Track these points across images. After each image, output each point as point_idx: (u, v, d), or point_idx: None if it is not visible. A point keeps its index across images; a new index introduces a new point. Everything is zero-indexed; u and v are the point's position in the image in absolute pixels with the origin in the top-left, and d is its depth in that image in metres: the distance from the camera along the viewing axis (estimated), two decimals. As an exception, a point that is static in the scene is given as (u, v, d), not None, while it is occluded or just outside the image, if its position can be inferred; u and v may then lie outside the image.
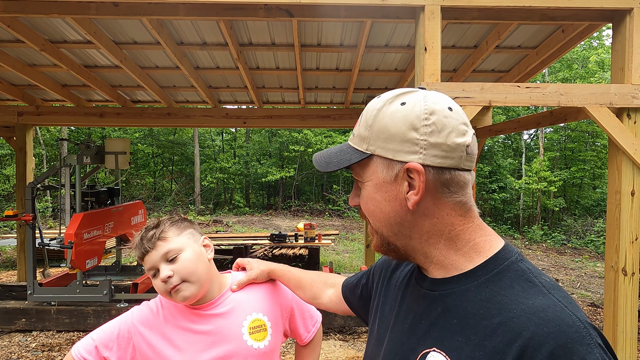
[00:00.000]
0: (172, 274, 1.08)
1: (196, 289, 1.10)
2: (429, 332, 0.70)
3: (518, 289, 0.65)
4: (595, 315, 5.65)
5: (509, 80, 5.27)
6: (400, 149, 0.69)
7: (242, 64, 4.82)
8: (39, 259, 6.36)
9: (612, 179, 3.22)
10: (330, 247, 9.85)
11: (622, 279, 3.14)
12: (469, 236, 0.72)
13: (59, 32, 4.31)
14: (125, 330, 1.14)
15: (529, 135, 19.68)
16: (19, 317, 4.66)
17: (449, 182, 0.70)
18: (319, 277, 1.22)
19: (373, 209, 0.74)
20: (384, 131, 0.70)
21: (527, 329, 0.60)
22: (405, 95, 0.71)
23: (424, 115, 0.68)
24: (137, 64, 5.08)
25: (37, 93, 6.28)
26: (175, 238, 1.12)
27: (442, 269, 0.73)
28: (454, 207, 0.71)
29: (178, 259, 1.09)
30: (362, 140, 0.73)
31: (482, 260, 0.70)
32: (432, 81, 3.02)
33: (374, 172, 0.73)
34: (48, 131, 15.97)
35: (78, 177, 4.66)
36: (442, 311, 0.70)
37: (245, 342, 1.11)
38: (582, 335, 0.58)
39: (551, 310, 0.61)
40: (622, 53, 3.14)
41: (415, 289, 0.78)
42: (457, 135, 0.69)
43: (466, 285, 0.69)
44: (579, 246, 12.62)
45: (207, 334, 1.12)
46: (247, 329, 1.13)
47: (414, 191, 0.69)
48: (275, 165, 19.18)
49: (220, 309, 1.15)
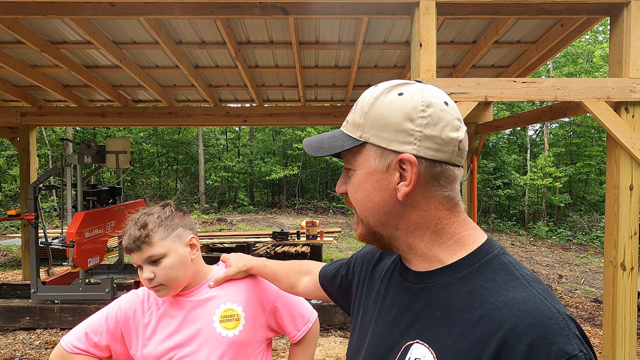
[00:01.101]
0: (153, 276, 1.13)
1: (172, 291, 1.17)
2: (412, 324, 0.71)
3: (500, 281, 0.66)
4: (598, 311, 5.62)
5: (509, 75, 5.25)
6: (394, 139, 0.69)
7: (241, 63, 4.83)
8: (44, 258, 6.43)
9: (611, 174, 3.20)
10: (333, 244, 9.87)
11: (620, 274, 3.13)
12: (454, 230, 0.73)
13: (59, 33, 4.35)
14: (113, 315, 1.20)
15: (534, 131, 19.56)
16: (23, 315, 4.71)
17: (440, 176, 0.70)
18: (293, 267, 1.23)
19: (362, 197, 0.74)
20: (380, 119, 0.70)
21: (508, 320, 0.61)
22: (402, 86, 0.72)
23: (421, 107, 0.68)
24: (136, 64, 5.11)
25: (40, 94, 6.34)
26: (161, 243, 1.14)
27: (426, 262, 0.74)
28: (442, 201, 0.72)
29: (161, 263, 1.14)
30: (357, 127, 0.72)
31: (465, 253, 0.71)
32: (428, 77, 3.02)
33: (366, 160, 0.72)
34: (53, 131, 16.11)
35: (79, 177, 4.70)
36: (425, 303, 0.71)
37: (214, 329, 1.15)
38: (561, 327, 0.60)
39: (531, 303, 0.62)
40: (619, 46, 3.11)
41: (398, 281, 0.79)
42: (451, 130, 0.69)
43: (449, 278, 0.70)
44: (585, 242, 12.53)
45: (179, 318, 1.18)
46: (218, 316, 1.17)
47: (405, 182, 0.69)
48: (279, 164, 19.21)
49: (197, 297, 1.20)
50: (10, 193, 15.52)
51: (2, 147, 15.74)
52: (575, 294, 6.64)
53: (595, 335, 4.72)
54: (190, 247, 1.20)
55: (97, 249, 4.65)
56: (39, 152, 15.18)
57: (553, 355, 0.58)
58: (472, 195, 6.08)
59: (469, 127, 6.18)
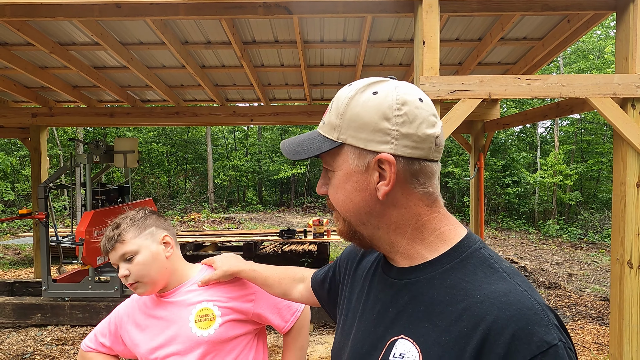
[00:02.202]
0: (128, 273, 1.19)
1: (149, 288, 1.21)
2: (396, 320, 0.72)
3: (481, 275, 0.67)
4: (607, 310, 5.56)
5: (516, 72, 5.21)
6: (372, 139, 0.69)
7: (247, 62, 4.86)
8: (55, 256, 6.54)
9: (617, 171, 3.17)
10: (340, 242, 9.87)
11: (627, 272, 3.10)
12: (434, 225, 0.73)
13: (68, 35, 4.42)
14: (114, 319, 1.34)
15: (544, 129, 19.34)
16: (34, 312, 4.81)
17: (418, 173, 0.71)
18: (286, 273, 1.21)
19: (342, 198, 0.74)
20: (356, 120, 0.70)
21: (490, 313, 0.62)
22: (376, 84, 0.71)
23: (396, 106, 0.68)
24: (144, 64, 5.17)
25: (50, 95, 6.44)
26: (133, 240, 1.20)
27: (408, 258, 0.74)
28: (421, 198, 0.72)
29: (133, 260, 1.19)
30: (333, 128, 0.72)
31: (446, 248, 0.72)
32: (431, 75, 3.02)
33: (345, 162, 0.72)
34: (64, 132, 16.33)
35: (88, 176, 4.78)
36: (408, 299, 0.71)
37: (190, 329, 1.19)
38: (541, 317, 0.61)
39: (512, 295, 0.63)
40: (625, 42, 3.08)
41: (382, 278, 0.79)
42: (427, 127, 0.69)
43: (432, 273, 0.71)
44: (596, 240, 12.38)
45: (161, 319, 1.24)
46: (194, 316, 1.20)
47: (385, 182, 0.70)
48: (287, 163, 19.25)
49: (175, 298, 1.25)
50: (24, 193, 15.78)
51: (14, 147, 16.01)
52: (585, 292, 6.57)
53: (604, 334, 4.68)
54: (164, 245, 1.25)
55: (106, 247, 4.71)
56: (51, 153, 15.41)
57: (534, 345, 0.59)
58: (479, 193, 6.04)
59: (476, 125, 6.15)
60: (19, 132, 6.74)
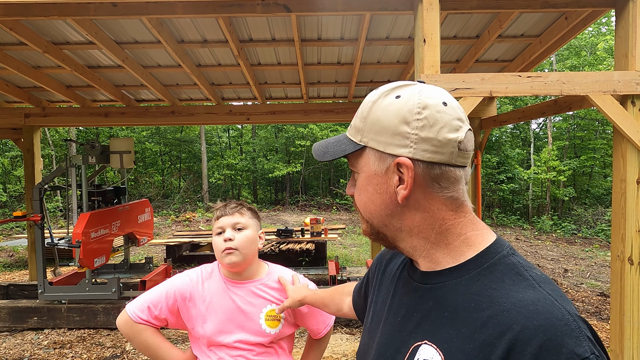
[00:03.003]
0: (234, 238, 1.37)
1: (241, 259, 1.37)
2: (420, 325, 0.71)
3: (509, 282, 0.66)
4: (604, 305, 5.61)
5: (513, 69, 5.21)
6: (391, 142, 0.70)
7: (243, 61, 4.82)
8: (50, 258, 6.47)
9: (617, 167, 3.18)
10: (337, 241, 9.87)
11: (628, 268, 3.11)
12: (460, 230, 0.72)
13: (61, 34, 4.35)
14: (172, 294, 1.40)
15: (537, 125, 19.46)
16: (30, 315, 4.75)
17: (439, 178, 0.70)
18: (336, 290, 1.32)
19: (365, 200, 0.75)
20: (377, 123, 0.71)
21: (517, 322, 0.60)
22: (401, 88, 0.72)
23: (417, 109, 0.68)
24: (139, 63, 5.11)
25: (43, 95, 6.35)
26: (248, 218, 1.43)
27: (432, 262, 0.74)
28: (444, 202, 0.71)
29: (242, 232, 1.40)
30: (357, 131, 0.74)
31: (473, 253, 0.71)
32: (432, 73, 3.00)
33: (367, 164, 0.74)
34: (57, 132, 16.15)
35: (84, 177, 4.72)
36: (433, 304, 0.71)
37: (260, 325, 1.38)
38: (572, 328, 0.59)
39: (541, 304, 0.61)
40: (625, 39, 3.08)
41: (407, 281, 0.79)
42: (449, 131, 0.68)
43: (457, 278, 0.70)
44: (590, 235, 12.49)
45: (235, 305, 1.39)
46: (264, 315, 1.40)
47: (403, 185, 0.70)
48: (282, 161, 19.21)
49: (250, 288, 1.42)
50: (15, 194, 15.60)
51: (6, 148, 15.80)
52: (581, 287, 6.62)
53: (602, 329, 4.71)
54: (259, 237, 1.47)
55: (103, 249, 4.67)
56: (43, 153, 15.25)
57: (563, 357, 0.57)
58: (476, 190, 6.06)
59: (473, 122, 6.16)
60: (11, 133, 6.64)
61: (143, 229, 5.57)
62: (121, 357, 4.08)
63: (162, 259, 8.37)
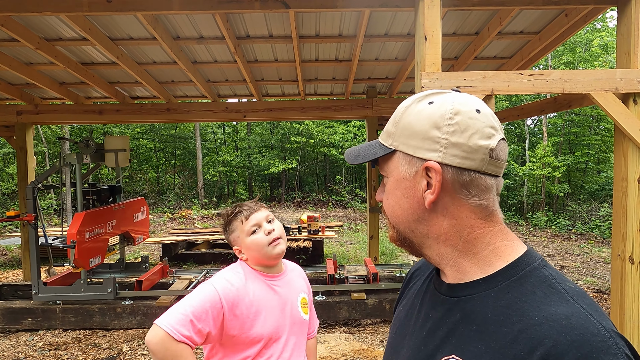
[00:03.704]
0: (274, 229, 1.41)
1: (285, 247, 1.44)
2: (447, 339, 0.69)
3: (540, 295, 0.64)
4: (601, 302, 5.63)
5: (512, 66, 5.18)
6: (421, 146, 0.70)
7: (240, 57, 4.75)
8: (44, 257, 6.39)
9: (618, 166, 3.16)
10: (334, 238, 9.84)
11: (629, 268, 3.10)
12: (489, 240, 0.70)
13: (54, 30, 4.26)
14: (217, 301, 1.27)
15: (532, 121, 19.51)
16: (25, 316, 4.68)
17: (469, 184, 0.69)
18: None
19: (392, 204, 0.76)
20: (408, 128, 0.71)
21: (549, 337, 0.58)
22: (435, 95, 0.72)
23: (449, 115, 0.68)
24: (134, 60, 5.02)
25: (36, 92, 6.25)
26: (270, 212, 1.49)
27: (460, 272, 0.72)
28: (474, 210, 0.70)
29: (275, 222, 1.45)
30: (389, 136, 0.75)
31: (503, 265, 0.69)
32: (433, 71, 2.96)
33: (396, 168, 0.74)
34: (50, 129, 15.96)
35: (79, 176, 4.64)
36: (460, 317, 0.69)
37: (299, 313, 1.45)
38: (608, 345, 0.56)
39: (575, 318, 0.59)
40: (627, 37, 3.06)
41: (433, 294, 0.78)
42: (480, 138, 0.68)
43: (486, 290, 0.68)
44: (584, 231, 12.55)
45: (279, 296, 1.42)
46: (299, 303, 1.47)
47: (431, 190, 0.69)
48: (277, 157, 19.12)
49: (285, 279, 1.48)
50: (8, 191, 15.41)
51: (-3, 145, 15.60)
52: (578, 285, 6.64)
53: (599, 326, 4.72)
54: None
55: (99, 248, 4.60)
56: (35, 150, 15.07)
57: None
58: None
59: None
60: (3, 131, 6.53)
61: (139, 227, 5.50)
62: (117, 358, 4.03)
63: (158, 257, 8.31)
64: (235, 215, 1.42)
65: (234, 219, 1.42)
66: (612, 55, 15.91)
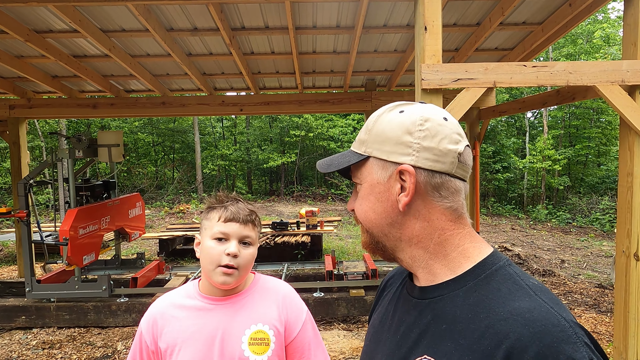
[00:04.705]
0: (239, 254, 1.11)
1: (236, 283, 1.13)
2: (419, 340, 0.71)
3: (505, 292, 0.66)
4: (603, 297, 5.57)
5: (513, 58, 5.08)
6: (394, 151, 0.73)
7: (236, 49, 4.64)
8: (39, 253, 6.31)
9: (624, 161, 3.08)
10: (333, 233, 9.77)
11: (634, 265, 3.03)
12: (458, 241, 0.73)
13: (44, 22, 4.15)
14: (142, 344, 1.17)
15: (532, 114, 19.38)
16: (18, 314, 4.61)
17: (440, 187, 0.72)
18: None
19: (366, 208, 0.77)
20: (381, 134, 0.74)
21: (514, 330, 0.61)
22: (404, 105, 0.76)
23: (419, 122, 0.72)
24: (127, 53, 4.91)
25: (28, 85, 6.14)
26: (256, 233, 1.18)
27: (431, 274, 0.74)
28: (444, 212, 0.73)
29: (248, 249, 1.14)
30: (362, 143, 0.77)
31: (470, 265, 0.71)
32: (433, 62, 2.86)
33: (370, 173, 0.76)
34: (47, 123, 15.83)
35: (71, 171, 4.55)
36: (431, 318, 0.71)
37: (243, 351, 1.09)
38: (568, 335, 0.59)
39: (537, 311, 0.62)
40: (634, 27, 2.96)
41: (406, 299, 0.80)
42: (449, 142, 0.72)
43: (455, 290, 0.70)
44: (585, 224, 12.49)
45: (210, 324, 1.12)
46: (247, 338, 1.11)
47: (405, 193, 0.72)
48: (276, 151, 19.01)
49: (238, 303, 1.16)
50: (5, 186, 15.32)
51: (-6, 139, 15.47)
52: (579, 279, 6.58)
53: (601, 322, 4.67)
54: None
55: (93, 245, 4.52)
56: (32, 144, 14.94)
57: None
58: (474, 182, 5.96)
59: (472, 113, 6.03)
60: (-4, 125, 6.43)
61: (134, 223, 5.42)
62: (112, 357, 3.97)
63: (155, 253, 8.24)
64: (219, 208, 1.14)
65: (215, 209, 1.15)
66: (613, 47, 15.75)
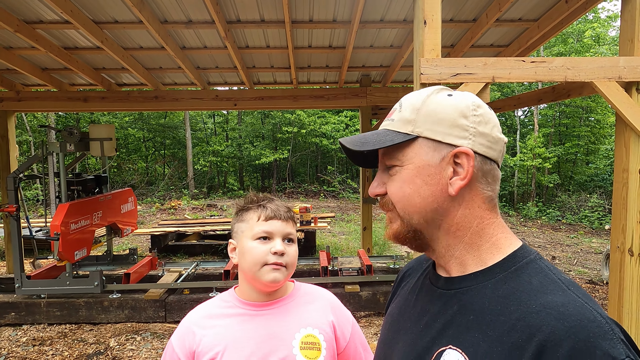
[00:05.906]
0: (286, 252, 1.08)
1: (287, 278, 1.10)
2: (444, 331, 0.70)
3: (537, 285, 0.65)
4: (594, 293, 5.63)
5: (508, 55, 5.09)
6: (450, 133, 0.70)
7: (231, 43, 4.59)
8: (29, 249, 6.21)
9: (619, 157, 3.09)
10: (326, 229, 9.76)
11: (628, 260, 3.06)
12: (492, 231, 0.72)
13: (34, 12, 4.05)
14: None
15: (523, 112, 19.53)
16: (8, 310, 4.52)
17: (488, 173, 0.72)
18: None
19: (410, 192, 0.73)
20: (433, 115, 0.71)
21: (547, 324, 0.59)
22: (448, 89, 0.75)
23: (473, 107, 0.71)
24: (119, 45, 4.83)
25: (17, 78, 6.01)
26: (296, 230, 1.15)
27: (461, 265, 0.73)
28: (484, 200, 0.72)
29: (292, 246, 1.11)
30: (407, 122, 0.73)
31: (500, 257, 0.70)
32: (432, 57, 2.85)
33: (417, 155, 0.72)
34: (35, 117, 15.57)
35: (62, 166, 4.47)
36: (458, 308, 0.70)
37: (295, 356, 1.05)
38: (605, 330, 0.58)
39: (571, 306, 0.60)
40: (631, 23, 2.97)
41: (429, 289, 0.78)
42: (498, 131, 0.73)
43: (483, 282, 0.69)
44: (574, 222, 12.65)
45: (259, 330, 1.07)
46: (298, 342, 1.06)
47: (460, 176, 0.70)
48: (268, 147, 18.93)
49: (282, 307, 1.12)
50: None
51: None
52: (570, 275, 6.66)
53: (593, 317, 4.72)
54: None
55: (84, 240, 4.45)
56: (20, 139, 14.69)
57: (598, 359, 0.55)
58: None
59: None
60: (-17, 118, 6.28)
61: (126, 219, 5.35)
62: (105, 353, 3.91)
63: (147, 248, 8.15)
64: (256, 208, 1.10)
65: (251, 210, 1.11)
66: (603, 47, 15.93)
